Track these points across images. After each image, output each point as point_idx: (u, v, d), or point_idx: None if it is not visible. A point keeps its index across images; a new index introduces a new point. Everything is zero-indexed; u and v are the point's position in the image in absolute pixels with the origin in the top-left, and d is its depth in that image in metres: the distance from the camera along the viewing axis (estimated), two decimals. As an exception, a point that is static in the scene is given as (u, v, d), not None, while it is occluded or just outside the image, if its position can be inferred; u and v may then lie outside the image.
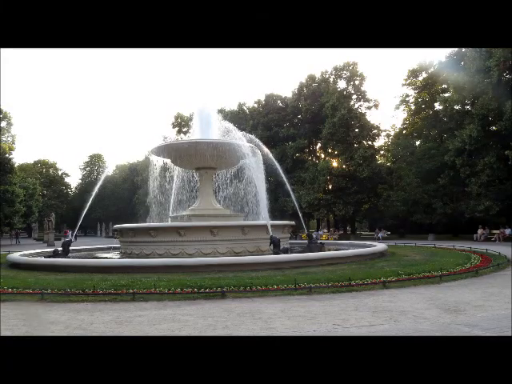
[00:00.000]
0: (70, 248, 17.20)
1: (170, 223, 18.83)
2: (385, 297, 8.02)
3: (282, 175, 21.20)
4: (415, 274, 10.48)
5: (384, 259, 15.05)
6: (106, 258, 17.48)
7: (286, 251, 14.49)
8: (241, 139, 18.76)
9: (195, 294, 8.24)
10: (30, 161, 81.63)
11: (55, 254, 16.10)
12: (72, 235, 20.36)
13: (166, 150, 19.37)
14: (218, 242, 15.40)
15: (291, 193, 24.45)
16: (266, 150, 20.94)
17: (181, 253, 15.13)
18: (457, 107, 33.78)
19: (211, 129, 21.05)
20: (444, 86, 35.89)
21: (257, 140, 20.93)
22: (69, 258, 16.09)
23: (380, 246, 16.74)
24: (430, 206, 33.87)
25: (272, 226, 15.95)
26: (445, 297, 7.93)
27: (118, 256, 17.65)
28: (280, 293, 8.45)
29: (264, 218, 18.47)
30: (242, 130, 22.82)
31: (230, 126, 20.24)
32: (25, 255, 16.32)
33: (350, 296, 8.20)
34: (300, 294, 8.33)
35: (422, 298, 7.80)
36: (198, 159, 19.01)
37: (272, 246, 14.76)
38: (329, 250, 19.51)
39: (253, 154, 19.05)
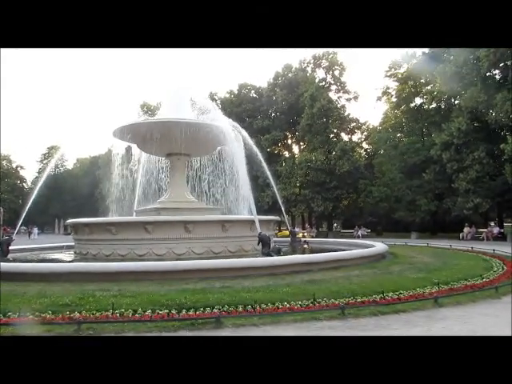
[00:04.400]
0: (11, 248, 14.16)
1: (134, 217, 15.89)
2: (450, 321, 5.61)
3: (264, 165, 18.68)
4: (454, 284, 8.23)
5: (391, 261, 12.88)
6: (55, 260, 14.34)
7: (278, 252, 11.97)
8: (221, 120, 16.06)
9: (176, 322, 5.47)
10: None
11: None
12: (14, 233, 16.97)
13: (130, 132, 16.24)
14: (193, 241, 12.75)
15: (274, 186, 21.99)
16: (246, 135, 18.29)
17: (148, 253, 12.40)
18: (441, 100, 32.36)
19: (184, 110, 18.12)
20: (428, 78, 34.27)
21: (236, 125, 18.27)
22: (8, 259, 13.07)
23: (381, 246, 14.52)
24: (413, 202, 32.23)
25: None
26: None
27: (71, 257, 14.59)
28: (299, 316, 5.83)
29: (245, 213, 15.98)
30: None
31: (209, 103, 17.40)
32: None
33: (400, 320, 5.74)
34: (329, 318, 5.77)
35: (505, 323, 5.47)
36: (169, 143, 16.07)
37: (260, 246, 12.23)
38: (310, 249, 17.29)
39: (234, 139, 16.38)
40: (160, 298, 6.75)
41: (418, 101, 37.71)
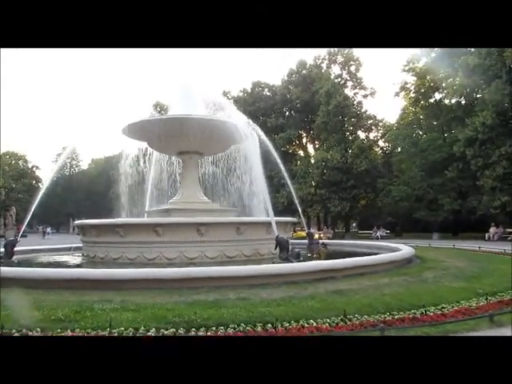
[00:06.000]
0: (17, 249, 13.57)
1: (144, 219, 15.11)
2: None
3: (280, 164, 17.72)
4: (502, 295, 7.19)
5: (420, 266, 11.79)
6: (60, 263, 13.67)
7: (297, 256, 11.05)
8: (236, 118, 15.18)
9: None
10: (-2, 152, 75.92)
11: None
12: (20, 233, 16.36)
13: (141, 130, 15.49)
14: (206, 244, 11.89)
15: (290, 185, 21.01)
16: (261, 133, 17.37)
17: (158, 257, 11.63)
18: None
19: (197, 108, 17.27)
20: (447, 71, 32.81)
21: (251, 122, 17.37)
22: (12, 261, 12.45)
23: (408, 250, 13.44)
24: (435, 201, 30.86)
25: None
26: None
27: (78, 260, 13.91)
28: (330, 340, 4.92)
29: (260, 215, 15.08)
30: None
31: (223, 100, 16.53)
32: None
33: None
34: (367, 343, 4.84)
35: None
36: (181, 141, 15.29)
37: (278, 250, 11.32)
38: (326, 251, 16.31)
39: (249, 137, 15.48)
40: (166, 312, 5.88)
41: (438, 96, 36.31)
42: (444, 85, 34.26)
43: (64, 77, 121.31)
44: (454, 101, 34.49)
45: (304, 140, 47.75)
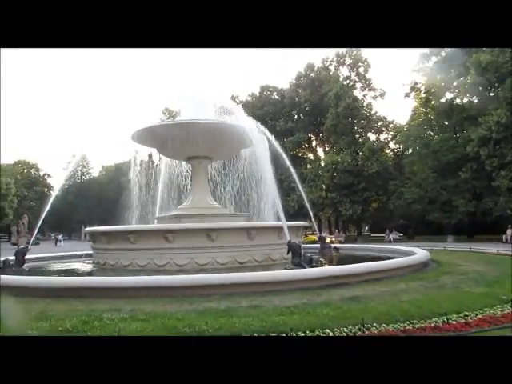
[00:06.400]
0: (28, 257, 13.58)
1: (154, 225, 14.99)
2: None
3: (290, 168, 17.51)
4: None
5: (437, 270, 11.43)
6: (71, 271, 13.59)
7: (310, 261, 10.76)
8: (245, 121, 14.97)
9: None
10: (10, 161, 76.96)
11: (5, 266, 12.68)
12: (30, 241, 16.38)
13: (150, 135, 15.39)
14: (216, 250, 11.74)
15: (301, 189, 20.78)
16: (270, 136, 17.16)
17: (169, 263, 11.51)
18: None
19: (206, 112, 17.13)
20: (458, 70, 32.28)
21: (260, 126, 17.18)
22: (23, 269, 12.54)
23: (424, 253, 13.07)
24: (449, 203, 30.28)
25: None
26: None
27: (89, 267, 13.82)
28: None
29: (271, 219, 14.86)
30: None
31: (232, 104, 16.38)
32: None
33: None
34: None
35: None
36: (190, 146, 15.16)
37: (291, 255, 11.07)
38: (339, 256, 16.04)
39: (258, 141, 15.28)
40: (177, 322, 5.69)
41: (449, 95, 35.74)
42: (455, 84, 33.72)
43: (73, 82, 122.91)
44: (465, 100, 33.92)
45: (313, 143, 47.45)
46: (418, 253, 13.08)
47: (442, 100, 35.53)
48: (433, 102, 36.24)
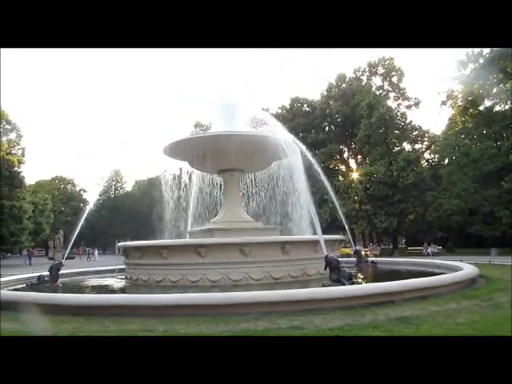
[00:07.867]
0: (62, 272, 13.61)
1: (186, 240, 14.78)
2: None
3: (324, 179, 16.96)
4: None
5: (488, 287, 10.55)
6: (103, 286, 13.52)
7: (349, 278, 10.18)
8: (280, 132, 14.67)
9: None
10: (48, 177, 79.91)
11: (40, 282, 12.67)
12: (64, 256, 16.53)
13: (181, 149, 15.28)
14: (250, 265, 11.38)
15: (335, 201, 20.16)
16: (303, 148, 16.74)
17: (201, 279, 11.26)
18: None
19: (238, 124, 16.94)
20: (497, 76, 30.96)
21: (293, 137, 16.81)
22: (58, 285, 12.52)
23: (472, 269, 12.18)
24: (491, 214, 28.78)
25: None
26: None
27: (121, 283, 13.71)
28: None
29: (305, 233, 14.37)
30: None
31: (266, 115, 16.12)
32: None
33: None
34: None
35: None
36: (221, 159, 14.99)
37: (328, 271, 10.52)
38: (377, 271, 15.26)
39: (292, 152, 14.92)
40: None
41: (488, 103, 34.31)
42: (495, 91, 32.34)
43: (100, 96, 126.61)
44: (507, 107, 32.43)
45: (345, 154, 46.70)
46: (465, 267, 12.21)
47: (481, 108, 34.13)
48: (471, 110, 34.86)
